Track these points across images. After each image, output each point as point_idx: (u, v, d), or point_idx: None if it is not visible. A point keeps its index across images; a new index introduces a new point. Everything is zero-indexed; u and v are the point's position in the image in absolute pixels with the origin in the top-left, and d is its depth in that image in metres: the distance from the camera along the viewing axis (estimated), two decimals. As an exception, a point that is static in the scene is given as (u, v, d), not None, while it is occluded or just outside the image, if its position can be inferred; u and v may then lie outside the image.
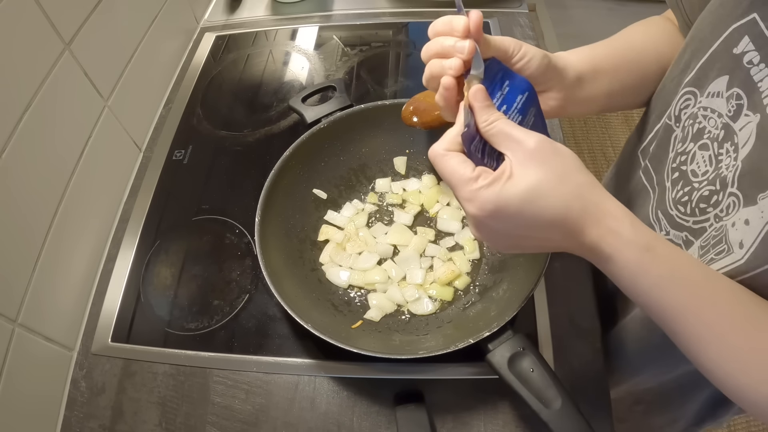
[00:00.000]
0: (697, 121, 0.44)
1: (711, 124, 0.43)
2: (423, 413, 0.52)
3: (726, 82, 0.41)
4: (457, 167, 0.37)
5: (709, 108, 0.43)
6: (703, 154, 0.44)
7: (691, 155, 0.45)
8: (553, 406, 0.45)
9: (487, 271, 0.63)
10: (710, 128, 0.43)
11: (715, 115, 0.42)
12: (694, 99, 0.45)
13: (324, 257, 0.65)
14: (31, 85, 0.55)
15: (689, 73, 0.46)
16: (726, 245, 0.40)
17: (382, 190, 0.70)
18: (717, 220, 0.42)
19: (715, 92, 0.42)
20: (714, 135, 0.42)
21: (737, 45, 0.39)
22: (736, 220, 0.39)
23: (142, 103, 0.81)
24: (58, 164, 0.61)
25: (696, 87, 0.45)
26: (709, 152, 0.43)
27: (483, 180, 0.36)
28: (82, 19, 0.63)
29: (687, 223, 0.47)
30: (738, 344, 0.36)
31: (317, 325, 0.51)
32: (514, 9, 0.97)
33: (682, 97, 0.47)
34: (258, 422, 0.56)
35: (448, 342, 0.50)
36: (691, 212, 0.46)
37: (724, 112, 0.41)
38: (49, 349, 0.58)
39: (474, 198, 0.37)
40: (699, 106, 0.44)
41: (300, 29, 0.98)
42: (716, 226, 0.42)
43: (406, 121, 0.64)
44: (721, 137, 0.42)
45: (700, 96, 0.44)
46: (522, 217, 0.36)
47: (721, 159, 0.42)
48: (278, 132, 0.81)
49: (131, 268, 0.67)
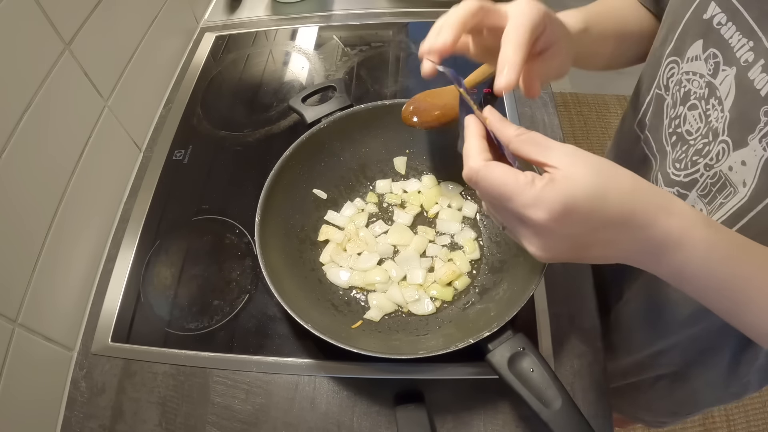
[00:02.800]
0: (683, 85, 0.48)
1: (695, 86, 0.46)
2: (423, 413, 0.52)
3: (701, 45, 0.45)
4: (507, 175, 0.35)
5: (691, 71, 0.47)
6: (694, 114, 0.47)
7: (683, 117, 0.49)
8: (553, 406, 0.45)
9: (487, 271, 0.63)
10: (695, 89, 0.46)
11: (697, 77, 0.46)
12: (677, 67, 0.49)
13: (324, 257, 0.65)
14: (31, 85, 0.55)
15: (669, 45, 0.50)
16: (731, 187, 0.43)
17: (382, 191, 0.70)
18: (707, 168, 0.45)
19: (693, 56, 0.46)
20: (699, 95, 0.46)
21: (706, 11, 0.44)
22: (732, 164, 0.42)
23: (142, 103, 0.81)
24: (58, 164, 0.61)
25: (677, 56, 0.49)
26: (699, 110, 0.46)
27: (541, 181, 0.34)
28: (82, 19, 0.63)
29: (678, 178, 0.50)
30: None
31: (317, 325, 0.51)
32: (514, 9, 0.97)
33: (667, 67, 0.50)
34: (258, 422, 0.56)
35: (448, 342, 0.50)
36: (683, 167, 0.49)
37: (705, 72, 0.45)
38: (49, 349, 0.58)
39: (539, 200, 0.33)
40: (682, 72, 0.48)
41: (300, 29, 0.98)
42: (708, 174, 0.45)
43: (406, 121, 0.64)
44: (706, 95, 0.45)
45: (682, 63, 0.48)
46: (592, 217, 0.34)
47: (710, 113, 0.45)
48: (278, 132, 0.81)
49: (131, 268, 0.67)
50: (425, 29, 0.42)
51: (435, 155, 0.70)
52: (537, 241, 0.36)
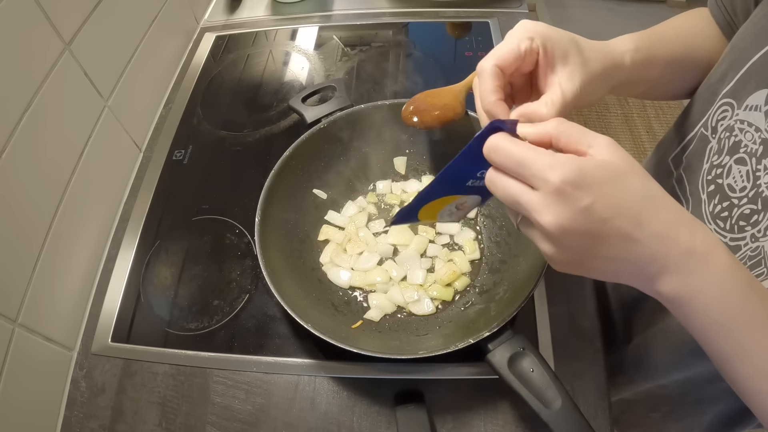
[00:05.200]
0: (734, 134, 0.43)
1: (748, 138, 0.42)
2: (423, 413, 0.52)
3: (765, 96, 0.40)
4: (527, 145, 0.34)
5: (746, 121, 0.42)
6: (740, 169, 0.42)
7: (727, 168, 0.44)
8: (553, 406, 0.45)
9: (487, 272, 0.63)
10: (747, 142, 0.42)
11: (752, 129, 0.41)
12: (731, 110, 0.44)
13: (324, 257, 0.65)
14: (31, 85, 0.55)
15: (727, 84, 0.45)
16: (765, 268, 0.39)
17: (382, 192, 0.70)
18: (753, 240, 0.41)
19: (753, 105, 0.41)
20: (751, 150, 0.41)
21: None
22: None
23: (142, 103, 0.81)
24: (58, 164, 0.61)
25: (734, 98, 0.44)
26: (747, 167, 0.42)
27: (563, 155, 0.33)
28: (82, 19, 0.63)
29: (724, 239, 0.45)
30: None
31: (317, 325, 0.51)
32: (514, 9, 0.97)
33: (719, 108, 0.45)
34: (258, 422, 0.56)
35: (448, 342, 0.50)
36: (730, 228, 0.44)
37: (763, 127, 0.40)
38: (49, 349, 0.58)
39: (556, 163, 0.31)
40: (736, 118, 0.43)
41: (300, 29, 0.98)
42: (752, 246, 0.41)
43: (406, 121, 0.64)
44: (759, 153, 0.40)
45: (737, 108, 0.43)
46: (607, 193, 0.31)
47: (759, 176, 0.40)
48: (278, 132, 0.81)
49: (131, 268, 0.67)
50: (425, 29, 0.42)
51: (435, 155, 0.70)
52: (549, 218, 0.32)
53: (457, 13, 0.97)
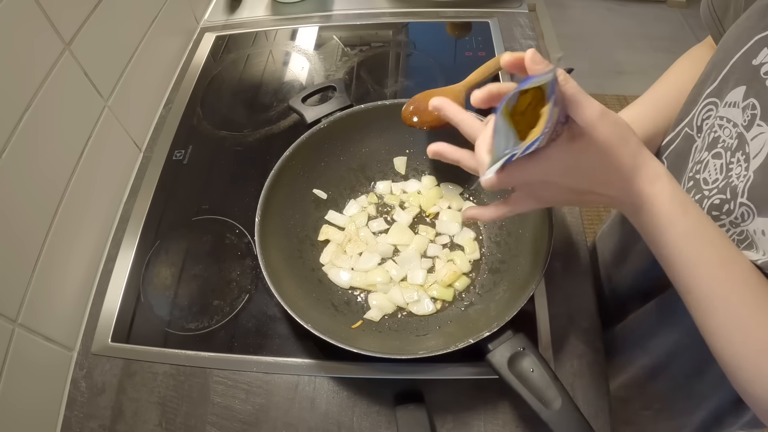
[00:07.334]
0: (713, 130, 0.44)
1: (726, 134, 0.43)
2: (423, 413, 0.52)
3: (743, 92, 0.41)
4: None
5: (725, 117, 0.43)
6: (715, 163, 0.44)
7: (704, 164, 0.45)
8: (553, 406, 0.45)
9: (487, 272, 0.63)
10: (725, 137, 0.43)
11: (730, 125, 0.42)
12: (714, 109, 0.45)
13: (324, 257, 0.65)
14: (31, 85, 0.55)
15: (711, 84, 0.46)
16: (755, 250, 0.40)
17: (382, 192, 0.70)
18: (733, 225, 0.42)
19: (732, 102, 0.42)
20: (728, 144, 0.42)
21: (756, 56, 0.39)
22: (756, 228, 0.39)
23: (142, 103, 0.81)
24: (58, 164, 0.61)
25: (717, 97, 0.45)
26: (721, 161, 0.43)
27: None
28: (82, 19, 0.63)
29: None
30: (744, 313, 0.36)
31: (317, 325, 0.51)
32: (514, 9, 0.97)
33: (704, 108, 0.46)
34: (258, 422, 0.56)
35: (448, 342, 0.50)
36: None
37: (740, 122, 0.41)
38: (49, 349, 0.58)
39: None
40: (717, 115, 0.44)
41: (300, 29, 0.98)
42: (735, 230, 0.42)
43: (406, 121, 0.64)
44: (734, 146, 0.41)
45: (720, 106, 0.44)
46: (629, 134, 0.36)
47: (732, 168, 0.41)
48: (278, 132, 0.81)
49: (131, 268, 0.67)
50: (425, 29, 0.42)
51: (435, 155, 0.70)
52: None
53: (457, 13, 0.97)
